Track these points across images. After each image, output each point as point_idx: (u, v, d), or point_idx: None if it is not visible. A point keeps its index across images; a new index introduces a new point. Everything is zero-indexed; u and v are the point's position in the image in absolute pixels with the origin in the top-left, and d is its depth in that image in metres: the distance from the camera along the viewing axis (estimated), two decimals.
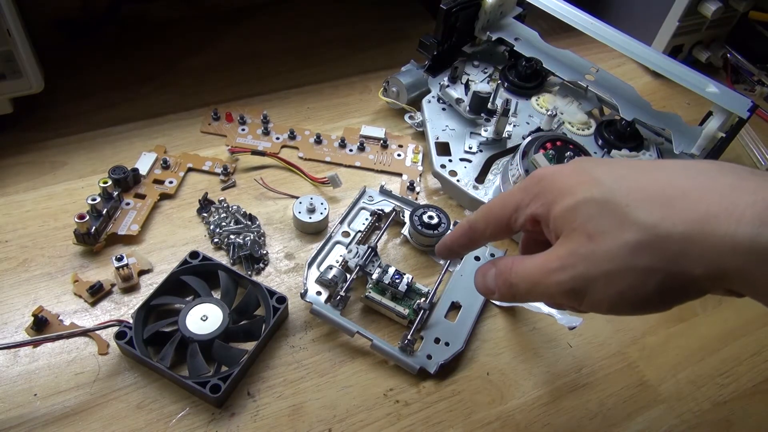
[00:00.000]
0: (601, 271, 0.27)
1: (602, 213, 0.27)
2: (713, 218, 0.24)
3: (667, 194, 0.26)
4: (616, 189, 0.27)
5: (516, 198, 0.31)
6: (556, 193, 0.29)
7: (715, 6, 0.66)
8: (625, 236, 0.26)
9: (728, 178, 0.25)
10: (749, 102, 0.51)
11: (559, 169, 0.30)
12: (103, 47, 0.67)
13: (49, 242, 0.48)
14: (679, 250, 0.25)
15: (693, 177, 0.26)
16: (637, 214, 0.26)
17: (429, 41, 0.60)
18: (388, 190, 0.54)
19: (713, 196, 0.25)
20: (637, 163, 0.28)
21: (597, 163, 0.29)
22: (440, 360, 0.44)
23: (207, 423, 0.40)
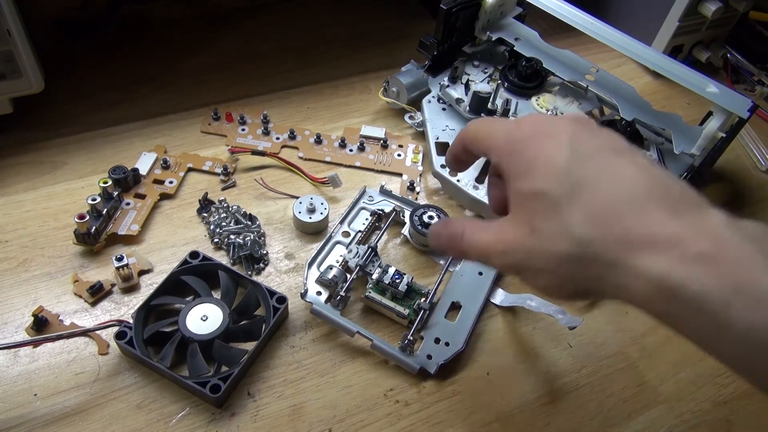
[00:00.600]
0: (534, 266, 0.30)
1: (549, 214, 0.29)
2: (636, 250, 0.27)
3: (608, 214, 0.28)
4: (571, 193, 0.29)
5: (498, 139, 0.33)
6: (524, 164, 0.31)
7: (715, 6, 0.66)
8: (560, 245, 0.29)
9: (662, 212, 0.27)
10: (749, 102, 0.51)
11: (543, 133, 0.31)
12: (103, 47, 0.67)
13: (49, 242, 0.48)
14: (600, 273, 0.28)
15: (636, 201, 0.28)
16: (576, 229, 0.28)
17: (429, 41, 0.60)
18: (389, 190, 0.54)
19: (642, 228, 0.27)
20: (608, 165, 0.29)
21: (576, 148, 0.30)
22: (440, 360, 0.44)
23: (207, 423, 0.40)
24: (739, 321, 0.24)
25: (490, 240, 0.32)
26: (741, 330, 0.24)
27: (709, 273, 0.25)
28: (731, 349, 0.25)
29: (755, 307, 0.24)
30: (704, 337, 0.26)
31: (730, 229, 0.26)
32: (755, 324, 0.24)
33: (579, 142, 0.30)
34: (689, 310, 0.25)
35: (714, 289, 0.24)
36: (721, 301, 0.24)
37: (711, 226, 0.26)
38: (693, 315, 0.25)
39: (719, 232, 0.26)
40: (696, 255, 0.25)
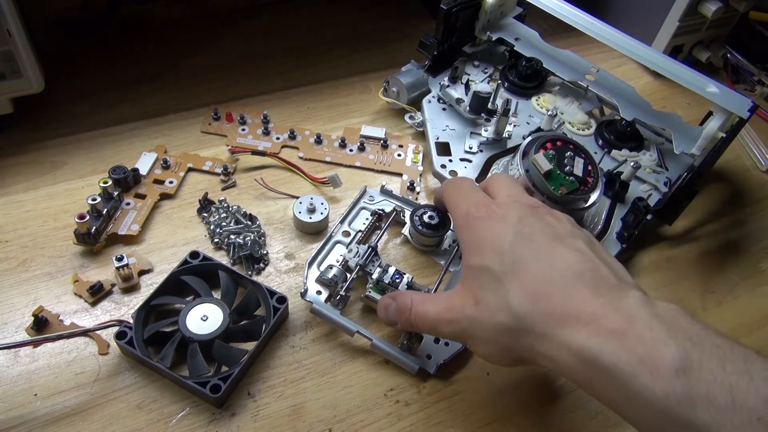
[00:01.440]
0: (477, 335, 0.34)
1: (491, 287, 0.33)
2: (562, 324, 0.30)
3: (541, 291, 0.32)
4: (511, 271, 0.33)
5: (459, 212, 0.38)
6: (475, 241, 0.36)
7: (716, 6, 0.66)
8: (499, 317, 0.33)
9: (587, 292, 0.31)
10: (749, 102, 0.51)
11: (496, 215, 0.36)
12: (103, 47, 0.67)
13: (49, 242, 0.48)
14: (532, 344, 0.32)
15: (566, 281, 0.32)
16: (513, 303, 0.32)
17: (429, 41, 0.60)
18: (389, 190, 0.54)
19: (568, 305, 0.31)
20: (546, 247, 0.34)
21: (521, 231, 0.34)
22: (440, 360, 0.44)
23: (207, 423, 0.40)
24: (643, 390, 0.27)
25: (438, 310, 0.36)
26: (645, 398, 0.27)
27: (620, 347, 0.28)
28: (639, 415, 0.28)
29: (656, 378, 0.27)
30: (618, 403, 0.29)
31: (643, 309, 0.29)
32: (656, 392, 0.27)
33: (524, 225, 0.35)
34: (604, 379, 0.29)
35: (623, 361, 0.28)
36: (629, 372, 0.27)
37: (627, 305, 0.30)
38: (607, 383, 0.29)
39: (633, 312, 0.29)
40: (611, 330, 0.29)
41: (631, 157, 0.56)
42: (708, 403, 0.25)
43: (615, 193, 0.54)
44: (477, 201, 0.38)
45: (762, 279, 0.54)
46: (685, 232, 0.57)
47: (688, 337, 0.28)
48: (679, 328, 0.28)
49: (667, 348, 0.27)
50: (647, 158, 0.57)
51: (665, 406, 0.26)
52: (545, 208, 0.37)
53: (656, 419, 0.27)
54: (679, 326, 0.28)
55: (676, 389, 0.26)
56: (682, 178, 0.53)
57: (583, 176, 0.48)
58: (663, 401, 0.26)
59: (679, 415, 0.26)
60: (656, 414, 0.27)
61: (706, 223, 0.58)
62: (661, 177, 0.56)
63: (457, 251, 0.50)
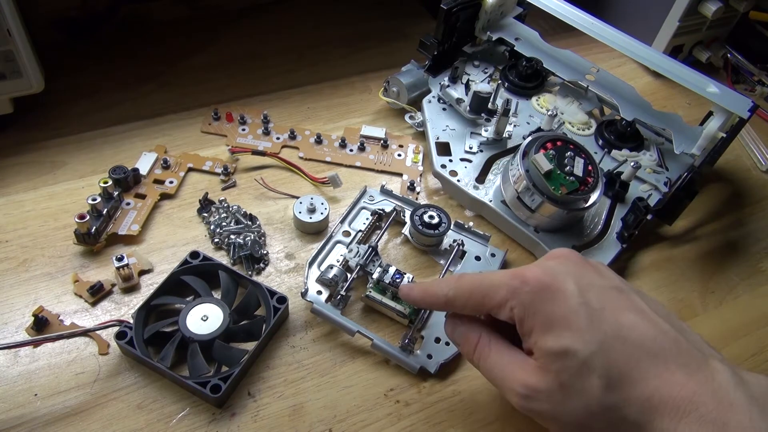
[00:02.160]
0: (562, 419, 0.32)
1: (579, 373, 0.31)
2: (660, 413, 0.29)
3: (633, 375, 0.30)
4: (595, 353, 0.31)
5: (502, 295, 0.34)
6: (544, 319, 0.32)
7: (716, 6, 0.66)
8: (590, 404, 0.31)
9: (679, 372, 0.30)
10: (750, 102, 0.51)
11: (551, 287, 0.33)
12: (103, 47, 0.67)
13: (49, 242, 0.48)
14: (627, 430, 0.30)
15: (656, 359, 0.30)
16: (602, 391, 0.30)
17: (429, 41, 0.60)
18: (389, 189, 0.54)
19: (664, 391, 0.30)
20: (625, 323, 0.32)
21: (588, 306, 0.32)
22: (440, 359, 0.44)
23: (207, 423, 0.40)
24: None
25: (510, 374, 0.34)
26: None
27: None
28: None
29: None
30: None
31: (739, 390, 0.29)
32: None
33: (588, 292, 0.32)
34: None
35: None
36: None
37: (722, 386, 0.29)
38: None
39: (729, 394, 0.29)
40: (712, 421, 0.28)
41: (631, 157, 0.56)
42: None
43: (615, 193, 0.54)
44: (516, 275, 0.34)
45: (762, 279, 0.54)
46: (685, 232, 0.57)
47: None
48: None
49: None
50: (647, 158, 0.57)
51: None
52: (580, 256, 0.35)
53: None
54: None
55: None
56: (683, 178, 0.53)
57: (583, 176, 0.48)
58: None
59: None
60: None
61: (707, 223, 0.58)
62: (661, 177, 0.56)
63: (457, 251, 0.50)
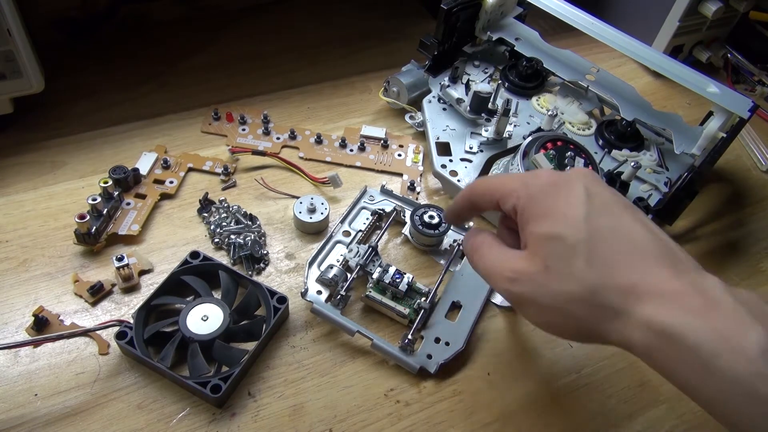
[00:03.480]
0: (540, 301, 0.32)
1: (564, 256, 0.32)
2: (642, 301, 0.30)
3: (621, 265, 0.31)
4: (584, 240, 0.31)
5: (513, 186, 0.35)
6: (543, 209, 0.33)
7: (716, 6, 0.66)
8: (571, 287, 0.31)
9: (668, 271, 0.30)
10: (750, 102, 0.51)
11: (560, 185, 0.34)
12: (104, 47, 0.67)
13: (49, 242, 0.48)
14: (604, 318, 0.31)
15: (646, 257, 0.31)
16: (586, 274, 0.31)
17: (429, 41, 0.60)
18: (389, 189, 0.54)
19: (649, 282, 0.30)
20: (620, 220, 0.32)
21: (592, 201, 0.33)
22: (440, 360, 0.44)
23: (208, 423, 0.40)
24: (726, 369, 0.27)
25: (501, 264, 0.35)
26: (727, 377, 0.27)
27: (704, 325, 0.28)
28: (717, 393, 0.28)
29: (740, 357, 0.27)
30: (693, 382, 0.29)
31: (727, 293, 0.29)
32: (739, 371, 0.27)
33: (594, 194, 0.33)
34: (682, 357, 0.29)
35: (707, 339, 0.28)
36: (712, 351, 0.28)
37: (710, 288, 0.30)
38: (686, 362, 0.29)
39: (717, 294, 0.29)
40: (696, 309, 0.29)
41: (631, 157, 0.56)
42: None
43: None
44: (533, 173, 0.36)
45: (762, 279, 0.54)
46: (685, 232, 0.57)
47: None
48: (763, 312, 0.29)
49: (752, 330, 0.27)
50: (647, 158, 0.57)
51: (749, 384, 0.27)
52: (596, 175, 0.36)
53: (734, 397, 0.27)
54: (762, 311, 0.29)
55: (760, 369, 0.27)
56: (683, 178, 0.53)
57: None
58: (747, 380, 0.27)
59: (759, 392, 0.27)
60: (734, 392, 0.27)
61: (707, 223, 0.58)
62: (661, 177, 0.56)
63: (457, 251, 0.50)
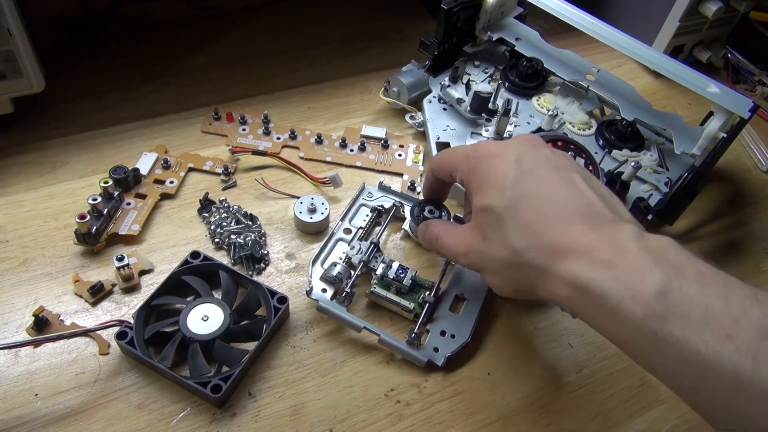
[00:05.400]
0: (485, 267, 0.38)
1: (495, 225, 0.36)
2: (559, 257, 0.33)
3: (540, 227, 0.34)
4: (509, 207, 0.35)
5: (458, 161, 0.40)
6: (481, 181, 0.37)
7: (716, 6, 0.66)
8: (502, 252, 0.35)
9: (582, 226, 0.33)
10: (750, 102, 0.51)
11: (494, 155, 0.37)
12: (104, 47, 0.67)
13: (49, 242, 0.48)
14: (533, 276, 0.34)
15: (563, 215, 0.34)
16: (513, 239, 0.34)
17: (430, 41, 0.60)
18: (387, 186, 0.54)
19: (565, 239, 0.33)
20: (544, 182, 0.35)
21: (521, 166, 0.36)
22: (447, 352, 0.44)
23: (208, 423, 0.40)
24: (627, 313, 0.30)
25: (455, 243, 0.40)
26: (628, 320, 0.30)
27: (608, 275, 0.31)
28: (624, 337, 0.31)
29: (637, 301, 0.29)
30: (607, 328, 0.32)
31: (634, 241, 0.31)
32: (636, 314, 0.29)
33: (524, 161, 0.36)
34: (595, 306, 0.31)
35: (611, 288, 0.30)
36: (615, 297, 0.30)
37: (620, 238, 0.32)
38: (597, 310, 0.31)
39: (624, 244, 0.31)
40: (602, 261, 0.31)
41: (631, 157, 0.56)
42: (683, 322, 0.28)
43: (616, 193, 0.54)
44: (474, 145, 0.39)
45: (763, 279, 0.54)
46: (685, 232, 0.57)
47: (673, 266, 0.30)
48: (666, 257, 0.30)
49: (650, 275, 0.29)
50: (648, 158, 0.57)
51: (645, 326, 0.29)
52: (542, 142, 0.39)
53: (638, 339, 0.30)
54: (666, 256, 0.31)
55: (655, 310, 0.29)
56: (683, 178, 0.53)
57: None
58: (643, 321, 0.29)
59: (656, 333, 0.29)
60: (637, 334, 0.29)
61: (707, 223, 0.58)
62: (661, 177, 0.56)
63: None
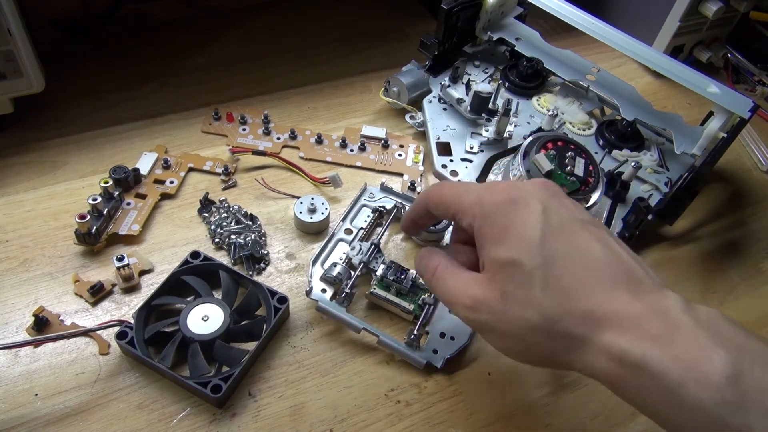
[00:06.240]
0: (500, 329, 0.32)
1: (521, 283, 0.30)
2: (602, 328, 0.29)
3: (579, 291, 0.30)
4: (540, 266, 0.30)
5: (469, 202, 0.34)
6: (499, 230, 0.32)
7: (716, 6, 0.66)
8: (530, 315, 0.30)
9: (626, 294, 0.29)
10: (750, 102, 0.51)
11: (517, 202, 0.32)
12: (104, 47, 0.67)
13: (49, 242, 0.48)
14: (566, 346, 0.30)
15: (603, 280, 0.30)
16: (544, 302, 0.30)
17: (430, 41, 0.60)
18: (389, 186, 0.54)
19: (608, 307, 0.29)
20: (577, 240, 0.31)
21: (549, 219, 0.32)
22: (446, 354, 0.44)
23: (208, 423, 0.40)
24: (692, 397, 0.26)
25: (458, 289, 0.34)
26: (693, 406, 0.26)
27: (666, 352, 0.27)
28: (685, 423, 0.27)
29: (704, 385, 0.26)
30: (661, 410, 0.28)
31: (686, 314, 0.28)
32: (704, 400, 0.26)
33: (551, 213, 0.32)
34: (649, 386, 0.28)
35: (670, 367, 0.27)
36: (676, 379, 0.27)
37: (669, 309, 0.29)
38: (651, 390, 0.28)
39: (676, 317, 0.28)
40: (656, 336, 0.28)
41: (631, 157, 0.56)
42: (762, 413, 0.26)
43: (616, 193, 0.54)
44: (489, 187, 0.34)
45: (763, 279, 0.54)
46: (685, 232, 0.57)
47: (734, 344, 0.27)
48: (724, 335, 0.28)
49: (715, 355, 0.27)
50: (648, 158, 0.57)
51: (716, 415, 0.26)
52: (560, 189, 0.35)
53: (704, 427, 0.27)
54: (723, 333, 0.28)
55: (726, 397, 0.26)
56: (683, 178, 0.53)
57: (584, 176, 0.48)
58: (713, 410, 0.26)
59: (730, 423, 0.26)
60: (705, 422, 0.26)
61: (707, 223, 0.58)
62: (661, 177, 0.56)
63: None
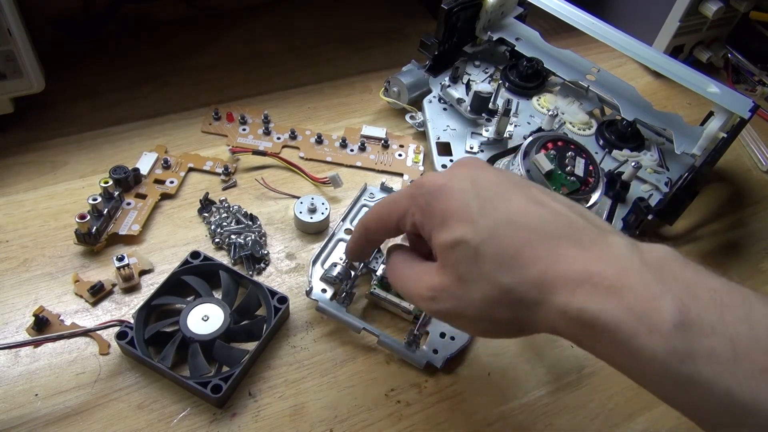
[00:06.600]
0: (467, 314, 0.31)
1: (472, 261, 0.30)
2: (554, 289, 0.28)
3: (526, 256, 0.29)
4: (486, 239, 0.30)
5: (403, 205, 0.34)
6: (438, 216, 0.32)
7: (716, 6, 0.66)
8: (488, 290, 0.30)
9: (570, 248, 0.29)
10: (750, 102, 0.51)
11: (445, 186, 0.32)
12: (104, 47, 0.67)
13: (49, 242, 0.48)
14: (528, 313, 0.29)
15: (546, 240, 0.29)
16: (497, 274, 0.29)
17: (430, 41, 0.60)
18: (389, 187, 0.54)
19: (556, 268, 0.28)
20: (513, 204, 0.31)
21: (480, 192, 0.31)
22: (447, 354, 0.44)
23: (208, 423, 0.40)
24: (645, 349, 0.26)
25: (415, 281, 0.34)
26: (647, 357, 0.26)
27: (617, 305, 0.27)
28: (643, 374, 0.27)
29: (655, 335, 0.25)
30: (622, 364, 0.28)
31: (633, 257, 0.28)
32: (656, 351, 0.25)
33: (480, 186, 0.31)
34: (606, 340, 0.27)
35: (622, 320, 0.26)
36: (629, 331, 0.26)
37: (615, 256, 0.28)
38: (609, 344, 0.27)
39: (623, 262, 0.28)
40: (606, 288, 0.27)
41: (632, 157, 0.56)
42: (710, 358, 0.25)
43: (616, 193, 0.54)
44: (415, 182, 0.34)
45: (763, 279, 0.54)
46: (685, 232, 0.57)
47: (683, 285, 0.27)
48: (673, 275, 0.27)
49: (663, 302, 0.26)
50: (648, 158, 0.57)
51: (667, 364, 0.25)
52: (484, 162, 0.35)
53: (659, 377, 0.26)
54: (672, 274, 0.27)
55: (676, 346, 0.25)
56: (683, 178, 0.53)
57: (584, 176, 0.48)
58: (666, 359, 0.25)
59: (681, 372, 0.25)
60: (659, 372, 0.26)
61: (707, 223, 0.58)
62: (662, 177, 0.56)
63: None
